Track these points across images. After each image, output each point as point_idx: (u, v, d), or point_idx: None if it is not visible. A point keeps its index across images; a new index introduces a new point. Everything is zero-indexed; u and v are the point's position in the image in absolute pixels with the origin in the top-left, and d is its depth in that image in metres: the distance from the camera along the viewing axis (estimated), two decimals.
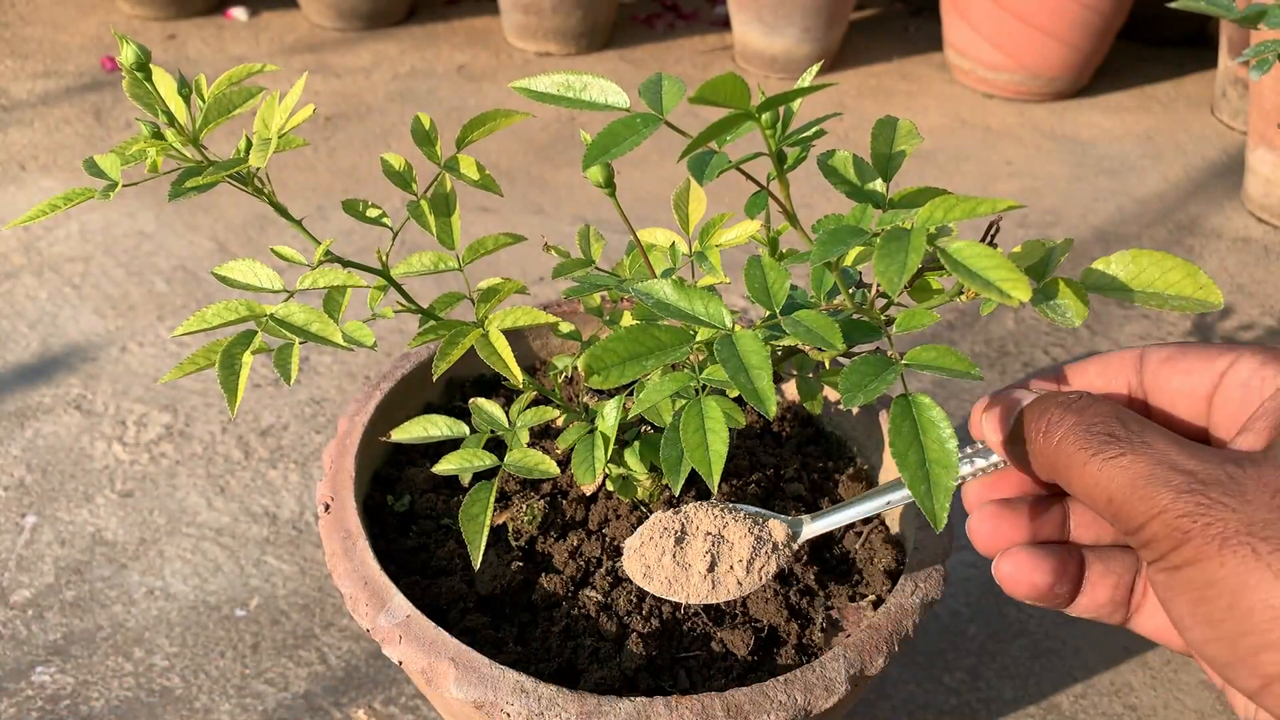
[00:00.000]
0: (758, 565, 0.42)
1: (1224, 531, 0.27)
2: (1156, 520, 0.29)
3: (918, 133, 0.39)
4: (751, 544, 0.42)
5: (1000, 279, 0.30)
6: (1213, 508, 0.28)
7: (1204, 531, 0.28)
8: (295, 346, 0.43)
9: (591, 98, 0.37)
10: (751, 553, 0.42)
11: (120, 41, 0.40)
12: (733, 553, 0.42)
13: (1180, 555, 0.29)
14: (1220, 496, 0.28)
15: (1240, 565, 0.27)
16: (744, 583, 0.41)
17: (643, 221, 0.52)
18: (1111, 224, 1.39)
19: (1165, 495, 0.29)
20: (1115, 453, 0.31)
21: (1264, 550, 0.27)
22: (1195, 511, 0.28)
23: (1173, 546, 0.29)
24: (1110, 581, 0.36)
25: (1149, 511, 0.29)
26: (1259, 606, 0.26)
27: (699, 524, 0.43)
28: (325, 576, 0.83)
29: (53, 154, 1.43)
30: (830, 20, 1.72)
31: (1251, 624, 0.27)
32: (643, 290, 0.36)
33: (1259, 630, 0.27)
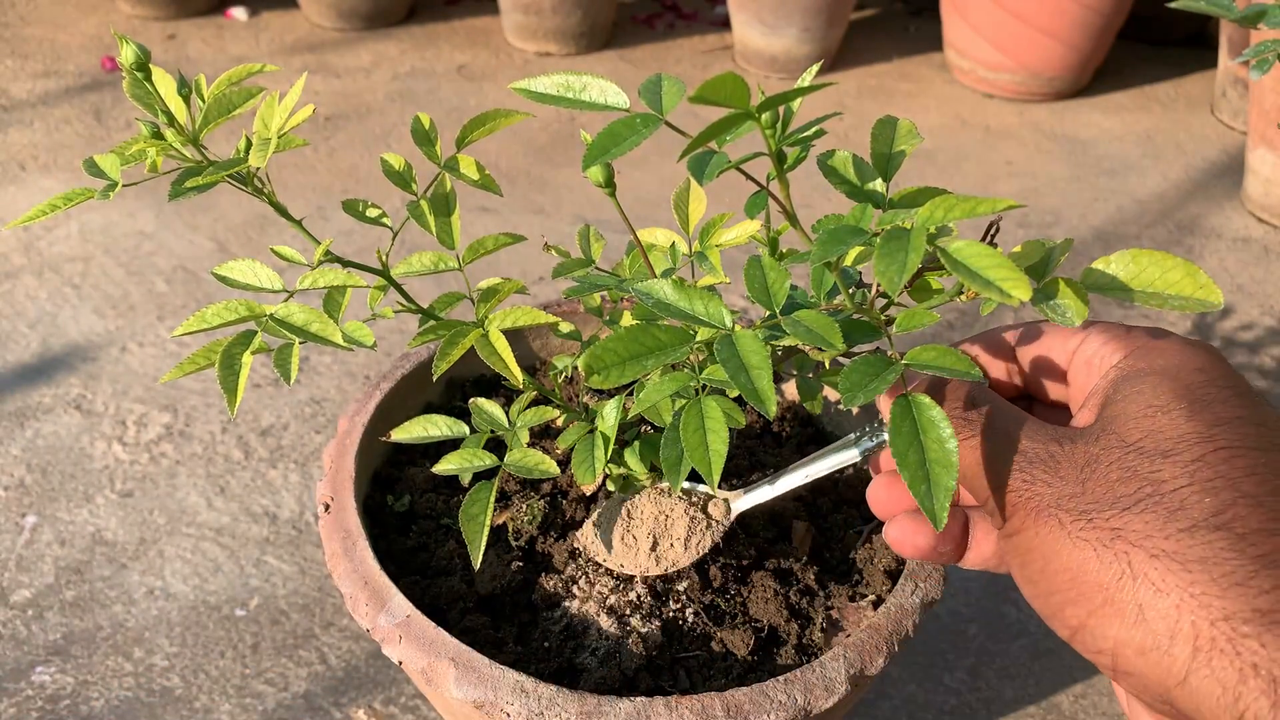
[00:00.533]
0: (694, 541, 0.47)
1: (1039, 505, 0.32)
2: (994, 495, 0.33)
3: (918, 132, 0.39)
4: (687, 523, 0.47)
5: (1001, 279, 0.30)
6: (1034, 484, 0.32)
7: (1025, 505, 0.32)
8: (295, 346, 0.43)
9: (591, 98, 0.37)
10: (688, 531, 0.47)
11: (120, 41, 0.40)
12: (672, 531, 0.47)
13: (1010, 526, 0.33)
14: (1040, 473, 0.32)
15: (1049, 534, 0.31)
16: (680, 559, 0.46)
17: (643, 221, 0.52)
18: (1111, 224, 1.39)
19: (1001, 473, 0.33)
20: (967, 435, 0.35)
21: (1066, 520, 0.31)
22: (1020, 487, 0.32)
23: (1006, 518, 0.33)
24: (994, 538, 0.39)
25: (988, 487, 0.33)
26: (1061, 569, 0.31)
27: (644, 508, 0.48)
28: (325, 576, 0.83)
29: (53, 154, 1.43)
30: (830, 20, 1.72)
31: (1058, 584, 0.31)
32: (643, 290, 0.36)
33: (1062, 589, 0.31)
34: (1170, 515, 0.29)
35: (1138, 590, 0.29)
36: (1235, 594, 0.28)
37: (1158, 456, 0.31)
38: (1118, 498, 0.30)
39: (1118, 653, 0.30)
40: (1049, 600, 0.32)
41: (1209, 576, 0.28)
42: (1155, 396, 0.32)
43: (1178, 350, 0.34)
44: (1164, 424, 0.31)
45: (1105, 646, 0.30)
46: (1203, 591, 0.28)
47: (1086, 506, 0.31)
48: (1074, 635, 0.31)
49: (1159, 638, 0.28)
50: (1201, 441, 0.30)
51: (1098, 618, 0.30)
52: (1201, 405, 0.32)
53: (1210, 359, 0.34)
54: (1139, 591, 0.29)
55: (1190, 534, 0.29)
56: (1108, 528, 0.30)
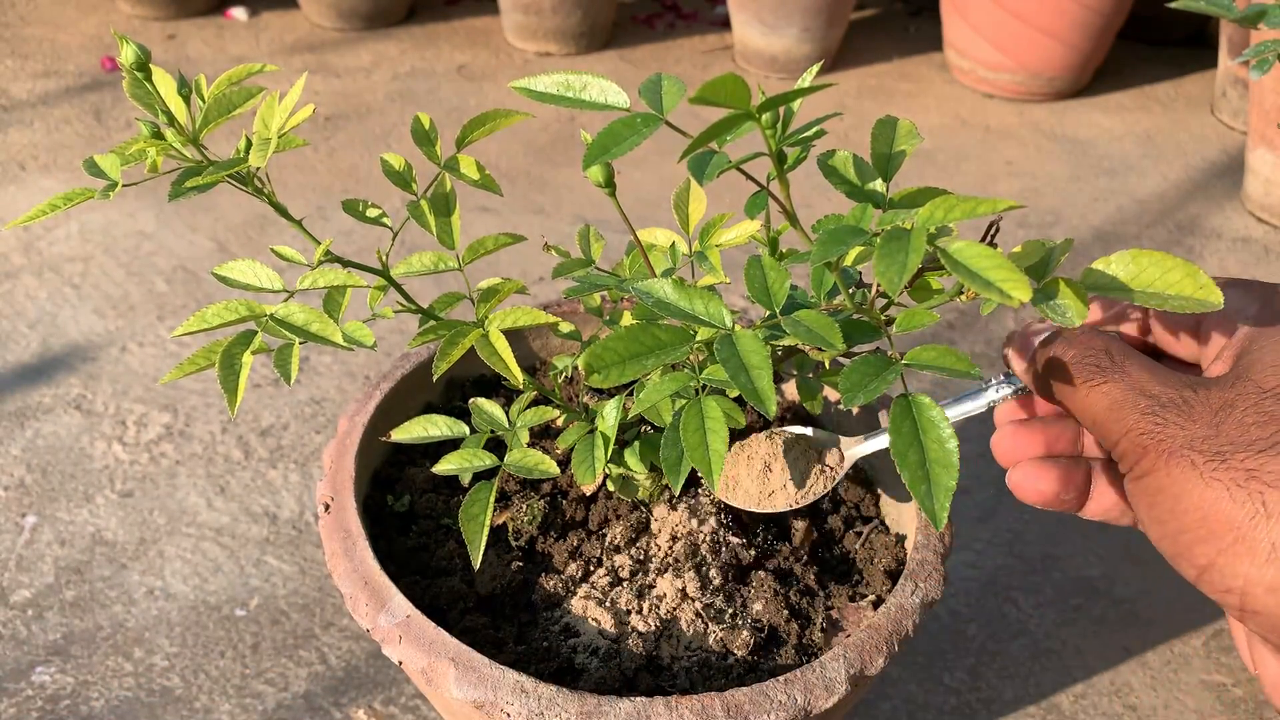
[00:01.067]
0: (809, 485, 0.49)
1: (1171, 446, 0.32)
2: (1124, 438, 0.34)
3: (918, 133, 0.39)
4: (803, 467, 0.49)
5: (1000, 279, 0.30)
6: (1166, 426, 0.33)
7: (1157, 447, 0.33)
8: (295, 347, 0.43)
9: (591, 98, 0.37)
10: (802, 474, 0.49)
11: (120, 41, 0.40)
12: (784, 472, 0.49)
13: (1140, 467, 0.34)
14: (1173, 417, 0.33)
15: (1181, 474, 0.32)
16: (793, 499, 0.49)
17: (643, 221, 0.52)
18: (1111, 224, 1.39)
19: (1131, 417, 0.34)
20: (1099, 381, 0.36)
21: (1199, 461, 0.32)
22: (1152, 430, 0.33)
23: (1135, 460, 0.34)
24: (1116, 490, 0.41)
25: (1119, 431, 0.34)
26: (1192, 508, 0.31)
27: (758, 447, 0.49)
28: (325, 576, 0.83)
29: (53, 154, 1.43)
30: (830, 20, 1.72)
31: (1188, 523, 0.32)
32: (643, 290, 0.36)
33: (1192, 528, 0.32)
34: None
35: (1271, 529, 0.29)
36: None
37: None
38: (1253, 440, 0.31)
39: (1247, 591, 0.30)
40: (1178, 540, 0.32)
41: None
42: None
43: None
44: None
45: (1235, 585, 0.31)
46: None
47: (1221, 448, 0.31)
48: (1201, 574, 0.32)
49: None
50: None
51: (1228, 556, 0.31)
52: None
53: None
54: (1272, 530, 0.29)
55: None
56: (1242, 469, 0.31)
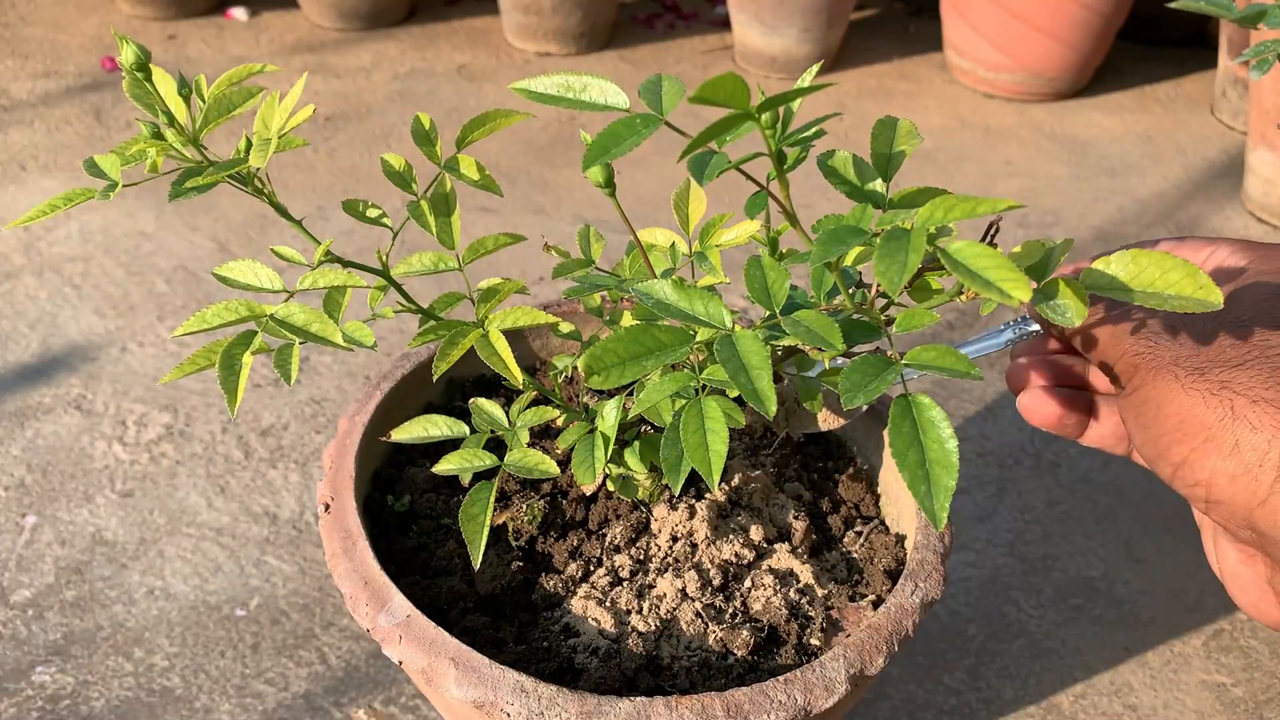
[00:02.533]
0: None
1: (1158, 363, 0.37)
2: (1121, 359, 0.39)
3: (917, 133, 0.39)
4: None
5: (1000, 279, 0.30)
6: (1157, 348, 0.37)
7: (1146, 365, 0.37)
8: (295, 347, 0.43)
9: (591, 98, 0.37)
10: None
11: (120, 42, 0.40)
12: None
13: (1133, 383, 0.38)
14: (1163, 340, 0.37)
15: (1165, 386, 0.36)
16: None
17: (643, 222, 0.52)
18: (1111, 224, 1.39)
19: (1128, 342, 0.38)
20: (1102, 315, 0.40)
21: (1181, 375, 0.36)
22: (1144, 351, 0.38)
23: (1129, 377, 0.38)
24: (1114, 419, 0.46)
25: (1118, 354, 0.39)
26: (1173, 414, 0.36)
27: None
28: (325, 576, 0.83)
29: (53, 154, 1.43)
30: (830, 20, 1.72)
31: (1168, 427, 0.36)
32: (643, 290, 0.36)
33: (1171, 431, 0.36)
34: (1274, 372, 0.34)
35: (1236, 428, 0.34)
36: None
37: (1269, 329, 0.36)
38: (1229, 358, 0.36)
39: (1212, 482, 0.35)
40: (1158, 442, 0.37)
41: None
42: (1274, 290, 0.38)
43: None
44: (1277, 308, 0.37)
45: (1202, 478, 0.35)
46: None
47: (1201, 364, 0.36)
48: (1176, 471, 0.36)
49: (1249, 465, 0.34)
50: None
51: (1200, 453, 0.35)
52: None
53: None
54: (1237, 429, 0.34)
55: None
56: (1217, 380, 0.35)
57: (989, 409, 1.03)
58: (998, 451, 0.98)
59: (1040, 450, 0.98)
